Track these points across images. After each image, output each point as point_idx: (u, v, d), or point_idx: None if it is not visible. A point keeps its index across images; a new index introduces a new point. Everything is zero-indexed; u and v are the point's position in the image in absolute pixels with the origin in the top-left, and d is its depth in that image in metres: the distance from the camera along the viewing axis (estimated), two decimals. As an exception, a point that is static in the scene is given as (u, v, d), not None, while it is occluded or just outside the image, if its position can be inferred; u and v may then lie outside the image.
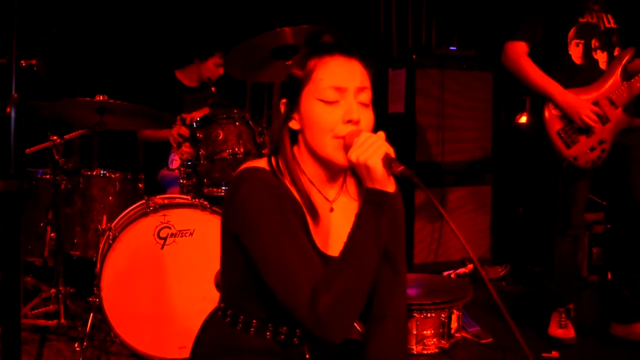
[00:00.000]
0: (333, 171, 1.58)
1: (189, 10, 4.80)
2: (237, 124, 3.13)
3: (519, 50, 3.13)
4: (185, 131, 3.21)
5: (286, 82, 1.58)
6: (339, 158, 1.50)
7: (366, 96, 1.52)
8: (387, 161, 1.40)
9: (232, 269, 1.59)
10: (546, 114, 3.08)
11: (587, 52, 3.11)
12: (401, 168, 1.38)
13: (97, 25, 4.60)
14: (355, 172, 1.57)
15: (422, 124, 4.67)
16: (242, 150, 3.09)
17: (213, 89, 3.58)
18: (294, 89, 1.54)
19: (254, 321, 1.56)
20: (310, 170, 1.57)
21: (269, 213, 1.44)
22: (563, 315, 3.30)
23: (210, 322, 1.69)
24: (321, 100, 1.50)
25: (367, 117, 1.52)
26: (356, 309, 1.42)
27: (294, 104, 1.55)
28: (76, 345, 2.87)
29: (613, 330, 3.34)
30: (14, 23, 1.03)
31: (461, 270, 4.64)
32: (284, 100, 1.58)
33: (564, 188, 3.20)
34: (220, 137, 3.10)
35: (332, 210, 1.60)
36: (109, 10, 4.62)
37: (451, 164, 4.77)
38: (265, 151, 3.09)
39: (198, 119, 3.13)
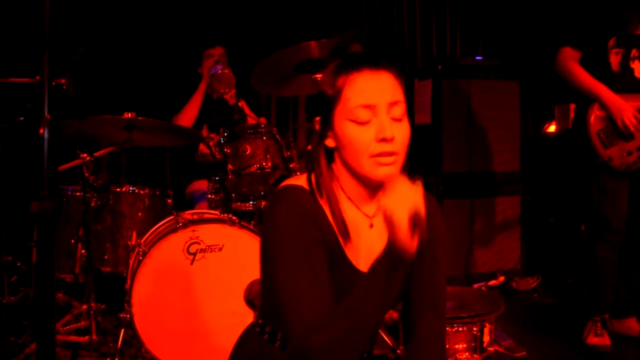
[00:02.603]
0: (371, 186, 1.54)
1: (219, 26, 4.82)
2: (264, 138, 3.11)
3: (568, 56, 3.20)
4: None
5: (318, 100, 1.56)
6: (375, 175, 1.47)
7: (399, 110, 1.48)
8: (414, 218, 1.29)
9: (267, 287, 1.59)
10: (590, 114, 3.14)
11: (625, 60, 3.15)
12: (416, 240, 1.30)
13: (124, 42, 4.65)
14: None
15: (449, 134, 4.61)
16: (269, 164, 3.08)
17: (240, 103, 3.59)
18: (326, 108, 1.52)
19: None
20: (349, 187, 1.55)
21: (292, 239, 1.44)
22: (599, 325, 3.26)
23: (247, 338, 1.69)
24: (352, 121, 1.46)
25: (401, 132, 1.48)
26: (346, 356, 1.41)
27: (327, 122, 1.52)
28: (108, 360, 2.87)
29: (610, 326, 3.37)
30: (46, 43, 1.04)
31: (492, 283, 4.58)
32: (318, 118, 1.56)
33: (601, 189, 3.21)
34: (248, 151, 3.09)
35: (372, 226, 1.58)
36: (135, 27, 4.67)
37: (479, 174, 4.70)
38: (293, 165, 3.10)
39: (225, 134, 3.13)
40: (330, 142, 1.53)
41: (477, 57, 4.88)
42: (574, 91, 3.24)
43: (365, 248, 1.56)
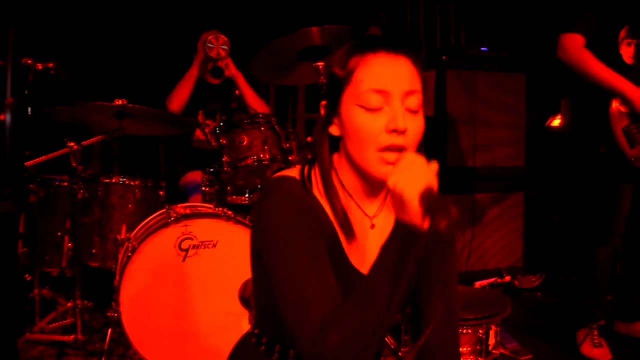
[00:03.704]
0: (374, 185, 1.41)
1: (218, 10, 4.68)
2: (262, 129, 3.02)
3: (578, 43, 2.97)
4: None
5: (327, 82, 1.41)
6: (380, 173, 1.32)
7: (415, 101, 1.33)
8: (426, 198, 1.18)
9: (263, 291, 1.44)
10: (613, 110, 2.96)
11: (638, 52, 2.97)
12: (445, 224, 1.16)
13: (119, 27, 4.51)
14: None
15: (453, 127, 4.52)
16: (267, 156, 2.99)
17: (237, 92, 3.48)
18: (334, 91, 1.37)
19: (292, 352, 1.42)
20: (349, 182, 1.41)
21: (289, 232, 1.29)
22: (595, 333, 3.14)
23: (243, 349, 1.56)
24: (362, 107, 1.32)
25: (415, 125, 1.33)
26: (365, 349, 1.26)
27: (334, 108, 1.38)
28: (94, 361, 2.78)
29: (617, 328, 3.39)
30: (12, 23, 0.89)
31: (493, 280, 4.47)
32: (324, 103, 1.41)
33: (610, 193, 3.08)
34: (245, 142, 3.00)
35: (373, 227, 1.44)
36: (131, 11, 4.53)
37: (483, 169, 4.60)
38: (292, 158, 2.99)
39: (222, 123, 3.02)
40: (335, 130, 1.39)
41: (482, 49, 4.75)
42: (582, 83, 3.02)
43: (365, 250, 1.42)
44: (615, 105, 2.95)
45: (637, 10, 2.98)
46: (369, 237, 1.43)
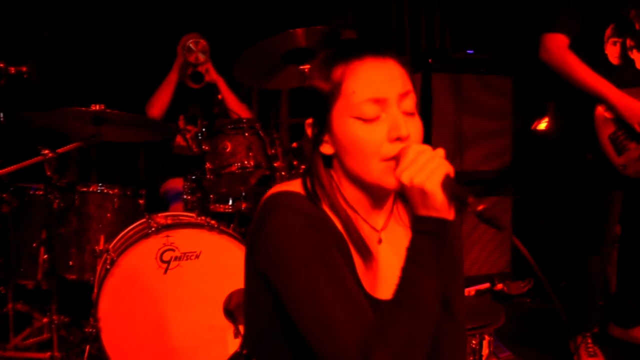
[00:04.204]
0: (378, 197, 1.32)
1: (199, 11, 4.59)
2: (246, 134, 2.95)
3: (561, 44, 2.86)
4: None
5: (309, 98, 1.30)
6: (389, 183, 1.23)
7: (410, 102, 1.26)
8: (448, 185, 1.14)
9: (258, 312, 1.33)
10: (597, 116, 2.84)
11: (624, 51, 2.87)
12: (482, 206, 1.10)
13: (96, 28, 4.40)
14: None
15: (438, 131, 4.44)
16: (252, 163, 2.92)
17: (220, 96, 3.40)
18: (320, 107, 1.27)
19: None
20: (352, 198, 1.31)
21: (306, 249, 1.19)
22: (589, 341, 3.07)
23: None
24: (358, 119, 1.23)
25: (415, 128, 1.25)
26: None
27: (323, 125, 1.28)
28: (71, 380, 2.69)
29: (611, 331, 3.35)
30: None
31: (482, 287, 4.40)
32: (309, 121, 1.31)
33: (599, 202, 2.99)
34: (228, 149, 2.93)
35: (380, 241, 1.34)
36: (109, 11, 4.42)
37: (469, 173, 4.53)
38: (277, 164, 2.91)
39: (204, 129, 2.93)
40: (327, 149, 1.29)
41: (468, 51, 4.70)
42: (566, 86, 2.92)
43: (374, 268, 1.32)
44: (600, 110, 2.84)
45: (621, 8, 2.87)
46: (377, 254, 1.34)
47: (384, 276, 1.30)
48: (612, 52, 2.87)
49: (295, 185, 1.30)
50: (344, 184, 1.31)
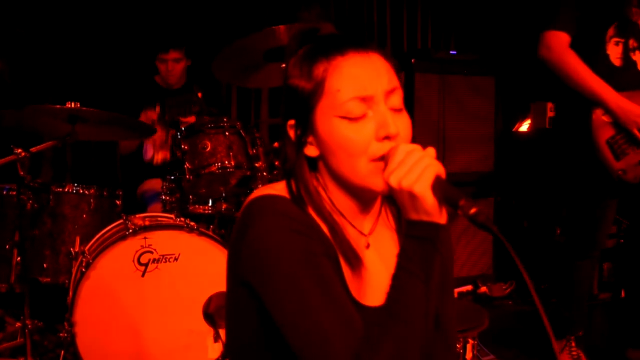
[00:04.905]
0: (366, 200, 1.26)
1: (177, 7, 4.54)
2: (226, 133, 2.92)
3: (563, 42, 2.79)
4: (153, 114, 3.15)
5: (289, 98, 1.24)
6: (378, 185, 1.17)
7: (398, 98, 1.19)
8: (439, 187, 1.09)
9: (241, 322, 1.27)
10: (595, 119, 2.78)
11: (626, 52, 2.82)
12: (475, 210, 1.05)
13: (70, 24, 4.33)
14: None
15: (421, 132, 4.41)
16: (232, 163, 2.89)
17: (200, 94, 3.35)
18: (302, 107, 1.21)
19: None
20: (339, 201, 1.25)
21: (292, 256, 1.13)
22: (573, 344, 3.04)
23: None
24: (344, 118, 1.17)
25: (404, 124, 1.19)
26: None
27: (306, 126, 1.22)
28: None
29: (629, 355, 3.15)
30: None
31: (464, 289, 4.39)
32: (291, 122, 1.24)
33: (593, 210, 2.95)
34: (208, 148, 2.90)
35: (368, 246, 1.29)
36: (83, 8, 4.35)
37: (452, 175, 4.48)
38: (258, 164, 2.87)
39: (183, 128, 2.89)
40: (311, 151, 1.23)
41: (451, 52, 4.70)
42: (558, 87, 2.87)
43: (362, 274, 1.26)
44: (598, 114, 2.78)
45: (624, 6, 2.83)
46: (365, 260, 1.28)
47: (372, 282, 1.25)
48: (614, 52, 2.81)
49: (279, 188, 1.24)
50: (330, 187, 1.25)
